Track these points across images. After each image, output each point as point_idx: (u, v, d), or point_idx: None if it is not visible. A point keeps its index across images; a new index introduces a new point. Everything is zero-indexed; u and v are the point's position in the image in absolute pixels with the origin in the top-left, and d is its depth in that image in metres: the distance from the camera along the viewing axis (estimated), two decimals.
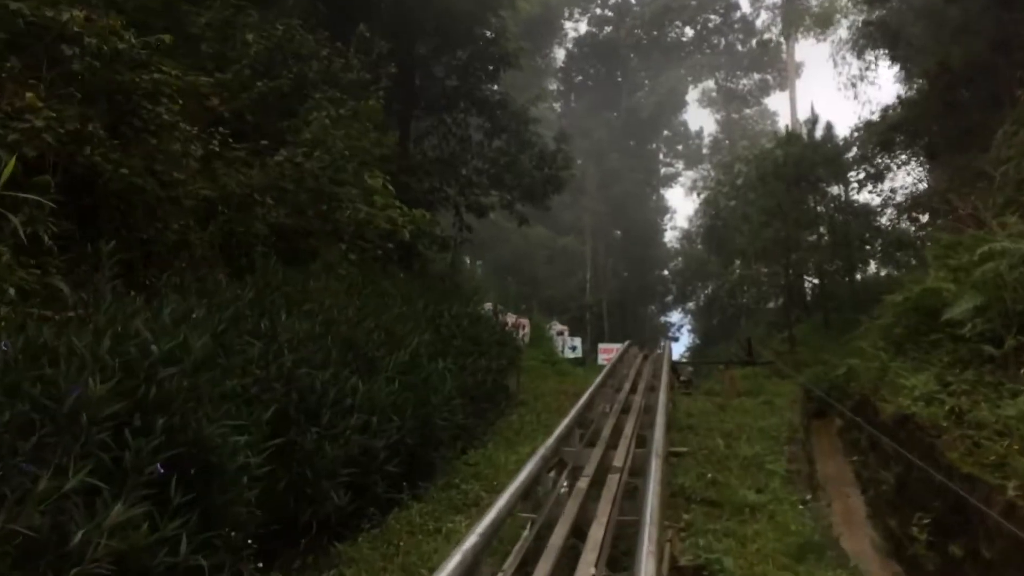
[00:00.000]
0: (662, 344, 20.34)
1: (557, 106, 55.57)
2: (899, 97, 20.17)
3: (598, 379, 11.23)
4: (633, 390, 11.75)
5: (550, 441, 6.78)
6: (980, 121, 17.51)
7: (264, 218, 11.73)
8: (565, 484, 6.74)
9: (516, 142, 23.78)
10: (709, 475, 8.78)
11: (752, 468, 9.25)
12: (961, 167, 16.98)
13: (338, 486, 6.94)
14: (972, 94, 18.00)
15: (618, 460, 7.22)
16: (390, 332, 9.64)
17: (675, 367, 17.15)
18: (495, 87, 23.84)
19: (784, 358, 22.32)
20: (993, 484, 6.21)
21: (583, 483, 6.44)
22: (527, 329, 16.68)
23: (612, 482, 6.47)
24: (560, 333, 32.68)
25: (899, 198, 27.29)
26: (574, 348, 32.23)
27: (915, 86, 20.81)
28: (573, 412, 8.43)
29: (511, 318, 15.78)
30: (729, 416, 12.71)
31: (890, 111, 20.99)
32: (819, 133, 27.16)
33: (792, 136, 26.77)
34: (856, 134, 28.64)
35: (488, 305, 16.56)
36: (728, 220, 33.81)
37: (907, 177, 28.65)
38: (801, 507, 7.79)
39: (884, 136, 21.11)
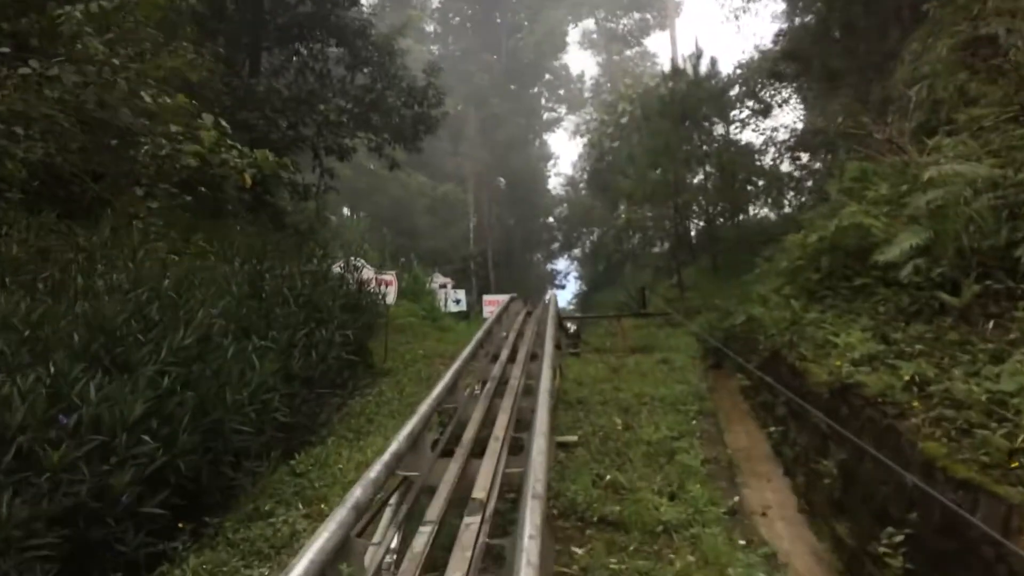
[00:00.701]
0: (548, 296, 18.20)
1: (435, 49, 51.97)
2: (793, 21, 18.33)
3: (467, 349, 8.78)
4: (512, 359, 9.40)
5: (374, 471, 4.29)
6: (872, 47, 15.99)
7: (14, 155, 8.59)
8: (394, 543, 4.31)
9: (382, 77, 20.70)
10: (608, 476, 6.57)
11: (660, 459, 7.13)
12: (863, 92, 15.42)
13: (30, 562, 4.25)
14: (867, 18, 16.41)
15: (481, 486, 4.83)
16: (173, 304, 6.82)
17: (562, 321, 15.01)
18: (355, 13, 20.49)
19: (674, 305, 20.72)
20: (1014, 501, 4.21)
21: (421, 540, 4.01)
22: (394, 286, 14.02)
23: (467, 537, 4.06)
24: (443, 286, 30.07)
25: (781, 137, 26.17)
26: (458, 301, 29.67)
27: (799, 16, 19.00)
28: (424, 407, 5.95)
29: (368, 273, 13.10)
30: (625, 382, 10.64)
31: (781, 38, 19.19)
32: (704, 69, 25.41)
33: (677, 71, 24.87)
34: (739, 71, 27.16)
35: (343, 261, 13.79)
36: (613, 162, 32.00)
37: (787, 116, 27.51)
38: (729, 523, 5.68)
39: (776, 65, 19.34)
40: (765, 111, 23.17)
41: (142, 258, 7.60)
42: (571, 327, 16.90)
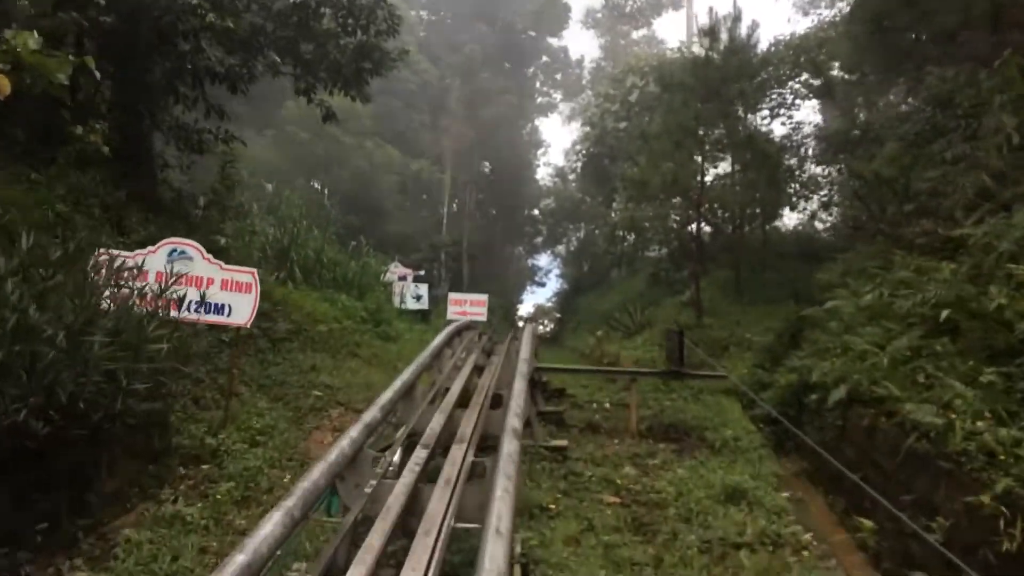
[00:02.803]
0: (518, 329, 11.53)
1: (423, 14, 45.03)
2: None
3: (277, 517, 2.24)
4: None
5: None
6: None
7: None
8: None
9: None
10: None
11: None
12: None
13: None
14: None
15: None
16: None
17: (539, 377, 8.46)
18: None
19: (691, 335, 14.25)
20: None
21: None
22: (252, 294, 7.41)
23: None
24: (403, 278, 23.18)
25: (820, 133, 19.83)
26: (419, 298, 22.74)
27: None
28: None
29: (191, 268, 6.56)
30: None
31: None
32: (742, 34, 18.82)
33: (712, 32, 18.26)
34: (773, 48, 20.78)
35: (176, 246, 7.17)
36: (615, 147, 25.41)
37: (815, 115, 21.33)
38: None
39: (869, 24, 12.54)
40: (827, 90, 16.63)
41: None
42: (548, 378, 10.23)
